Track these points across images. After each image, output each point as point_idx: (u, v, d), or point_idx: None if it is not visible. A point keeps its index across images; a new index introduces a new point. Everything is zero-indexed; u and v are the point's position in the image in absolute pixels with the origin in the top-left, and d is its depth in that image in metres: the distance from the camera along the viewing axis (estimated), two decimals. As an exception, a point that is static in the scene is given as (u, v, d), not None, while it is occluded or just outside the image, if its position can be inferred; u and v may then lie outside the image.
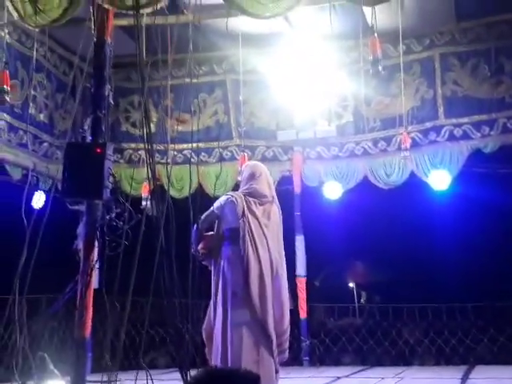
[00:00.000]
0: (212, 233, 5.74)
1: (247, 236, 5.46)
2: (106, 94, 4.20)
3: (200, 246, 5.64)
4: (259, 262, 5.45)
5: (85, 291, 3.98)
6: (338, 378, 6.95)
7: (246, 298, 5.39)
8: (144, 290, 4.07)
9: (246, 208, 5.54)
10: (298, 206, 8.82)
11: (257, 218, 5.56)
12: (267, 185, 5.83)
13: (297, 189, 8.89)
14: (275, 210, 5.80)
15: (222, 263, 5.52)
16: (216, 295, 5.51)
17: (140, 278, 3.98)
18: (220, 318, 5.42)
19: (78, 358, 3.91)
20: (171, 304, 4.17)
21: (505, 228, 9.32)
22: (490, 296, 8.60)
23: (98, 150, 3.94)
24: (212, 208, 5.65)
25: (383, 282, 10.73)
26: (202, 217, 5.50)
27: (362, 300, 10.48)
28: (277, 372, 5.54)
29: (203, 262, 5.70)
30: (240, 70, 8.05)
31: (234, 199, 5.59)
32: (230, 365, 5.21)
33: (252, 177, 5.79)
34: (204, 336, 5.63)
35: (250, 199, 5.63)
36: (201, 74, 8.36)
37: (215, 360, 5.38)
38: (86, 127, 4.16)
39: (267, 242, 5.56)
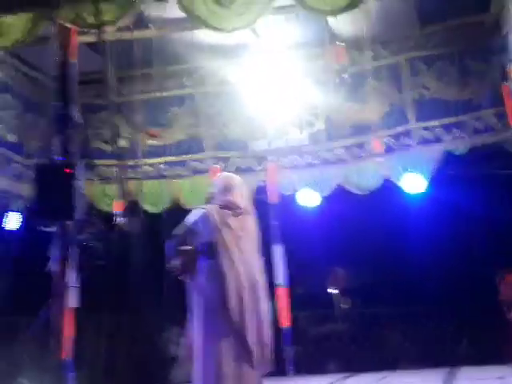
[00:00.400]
0: (187, 247, 5.70)
1: (223, 250, 5.43)
2: (73, 113, 4.16)
3: (176, 261, 5.60)
4: (236, 275, 5.41)
5: (61, 312, 3.92)
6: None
7: (225, 313, 5.35)
8: (123, 306, 4.04)
9: (220, 221, 5.51)
10: (274, 215, 8.80)
11: (231, 231, 5.53)
12: (241, 196, 5.80)
13: (273, 198, 8.88)
14: (251, 222, 5.77)
15: (198, 278, 5.49)
16: (193, 310, 5.47)
17: (118, 294, 3.95)
18: (200, 334, 5.38)
19: (59, 380, 3.85)
20: (148, 320, 4.15)
21: (479, 230, 9.42)
22: (469, 297, 8.65)
23: (67, 171, 3.89)
24: (185, 222, 5.62)
25: (363, 286, 10.75)
26: (176, 231, 5.46)
27: (342, 305, 10.49)
28: None
29: (179, 277, 5.66)
30: (209, 82, 8.05)
31: (207, 212, 5.56)
32: (212, 381, 5.17)
33: (226, 189, 5.76)
34: (187, 353, 5.58)
35: (224, 211, 5.61)
36: (170, 88, 8.34)
37: (197, 376, 5.34)
38: (54, 147, 4.11)
39: (243, 255, 5.53)
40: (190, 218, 5.64)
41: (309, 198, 8.75)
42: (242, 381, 5.28)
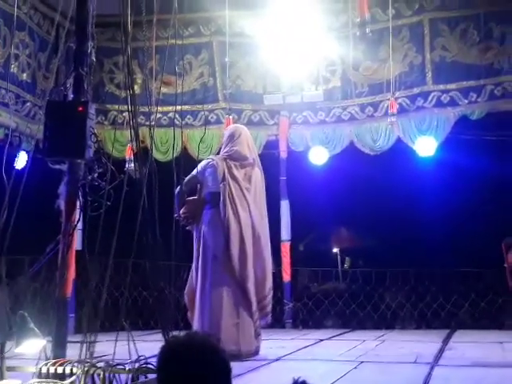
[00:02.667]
0: (194, 197, 5.72)
1: (228, 200, 5.46)
2: (89, 51, 4.11)
3: (182, 211, 5.63)
4: (240, 225, 5.46)
5: (66, 252, 3.95)
6: (321, 340, 7.02)
7: (227, 262, 5.41)
8: (127, 252, 4.05)
9: (226, 172, 5.52)
10: (283, 170, 8.79)
11: (238, 182, 5.55)
12: (247, 146, 5.79)
13: (283, 153, 8.86)
14: (257, 173, 5.78)
15: (202, 227, 5.52)
16: (197, 259, 5.52)
17: (123, 240, 3.96)
18: (200, 281, 5.44)
19: (59, 318, 3.90)
20: (154, 266, 4.16)
21: (489, 195, 9.38)
22: (473, 262, 8.68)
23: (80, 109, 3.86)
24: (193, 172, 5.63)
25: (367, 247, 10.79)
26: (184, 181, 5.47)
27: (345, 265, 10.55)
28: (258, 335, 5.59)
29: (186, 227, 5.70)
30: (227, 31, 7.94)
31: (214, 163, 5.56)
32: (208, 328, 5.25)
33: (231, 138, 5.76)
34: (186, 300, 5.66)
35: (231, 162, 5.60)
36: (187, 36, 8.24)
37: (198, 322, 5.42)
38: (67, 85, 4.08)
39: (248, 206, 5.56)
40: (198, 169, 5.65)
41: (320, 156, 8.72)
42: (239, 329, 5.36)
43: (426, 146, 8.15)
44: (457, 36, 7.99)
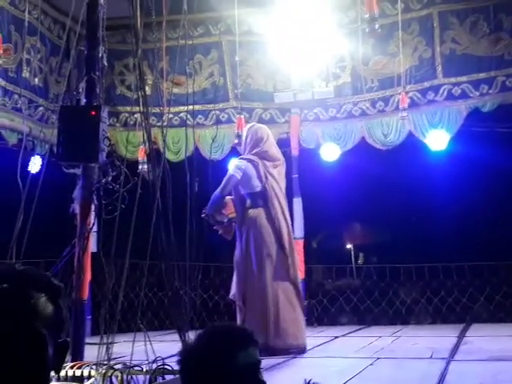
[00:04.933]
0: (232, 197, 5.75)
1: (275, 199, 5.54)
2: (100, 55, 4.15)
3: (226, 211, 5.67)
4: (286, 223, 5.59)
5: (82, 254, 3.99)
6: (336, 337, 7.03)
7: (282, 259, 5.49)
8: (142, 253, 4.08)
9: (266, 171, 5.59)
10: (295, 168, 8.79)
11: (276, 181, 5.64)
12: (276, 148, 5.88)
13: (294, 151, 8.85)
14: (284, 173, 5.90)
15: (250, 228, 5.56)
16: (245, 259, 5.55)
17: (138, 241, 3.99)
18: (257, 280, 5.48)
19: (77, 320, 3.94)
20: (169, 266, 4.19)
21: (503, 187, 9.33)
22: (487, 255, 8.65)
23: (93, 113, 3.90)
24: (231, 173, 5.64)
25: (381, 243, 10.79)
26: (223, 183, 5.52)
27: (359, 261, 10.55)
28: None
29: (214, 227, 5.72)
30: (236, 30, 7.95)
31: (255, 163, 5.61)
32: (270, 324, 5.30)
33: (260, 140, 5.79)
34: (237, 302, 5.66)
35: (266, 163, 5.66)
36: (196, 36, 8.25)
37: (253, 321, 5.39)
38: (80, 90, 4.12)
39: (285, 204, 5.68)
40: (235, 169, 5.66)
41: (331, 152, 8.71)
42: (296, 323, 5.43)
43: (437, 140, 8.12)
44: (466, 28, 7.95)
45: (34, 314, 1.11)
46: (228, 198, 5.72)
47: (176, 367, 3.59)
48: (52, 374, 3.23)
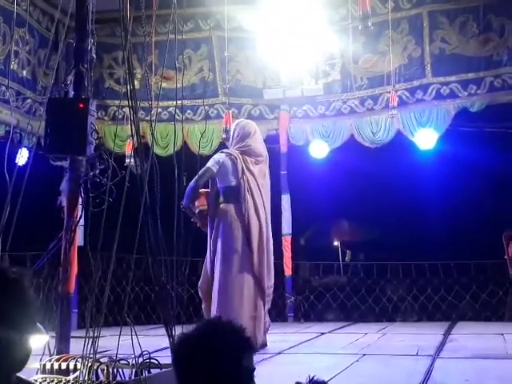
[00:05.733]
0: (207, 190, 5.74)
1: (248, 195, 5.52)
2: (89, 48, 4.11)
3: (197, 203, 5.65)
4: (259, 221, 5.54)
5: (69, 248, 3.96)
6: (322, 333, 7.05)
7: (247, 255, 5.47)
8: (129, 247, 4.06)
9: (244, 167, 5.56)
10: (284, 164, 8.80)
11: (255, 178, 5.60)
12: (261, 144, 5.86)
13: (283, 148, 8.87)
14: (267, 170, 5.86)
15: (220, 221, 5.55)
16: (214, 252, 5.55)
17: (125, 235, 3.97)
18: (219, 274, 5.48)
19: (63, 313, 3.91)
20: (156, 261, 4.18)
21: (490, 187, 9.39)
22: (474, 254, 8.70)
23: (81, 106, 3.87)
24: (208, 165, 5.64)
25: (368, 240, 10.82)
26: (199, 175, 5.49)
27: (346, 258, 10.57)
28: (267, 329, 5.66)
29: (192, 219, 5.71)
30: (226, 26, 7.93)
31: (233, 157, 5.60)
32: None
33: (247, 135, 5.78)
34: (201, 293, 5.70)
35: (247, 158, 5.65)
36: (186, 31, 8.21)
37: (213, 314, 5.43)
38: (68, 82, 4.08)
39: (263, 202, 5.64)
40: (212, 162, 5.65)
41: (320, 149, 8.73)
42: (256, 322, 5.42)
43: (426, 139, 8.16)
44: (456, 28, 7.99)
45: None
46: (202, 190, 5.71)
47: (163, 361, 3.58)
48: (36, 365, 3.18)
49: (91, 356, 3.45)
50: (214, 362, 1.62)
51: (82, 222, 4.34)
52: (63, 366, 3.52)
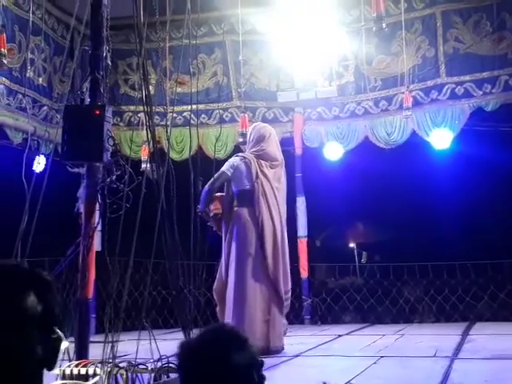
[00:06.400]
0: (222, 194, 5.77)
1: (262, 198, 5.52)
2: (104, 55, 4.16)
3: (212, 207, 5.68)
4: (273, 224, 5.54)
5: (87, 253, 4.01)
6: (340, 335, 7.04)
7: (261, 260, 5.48)
8: (146, 252, 4.10)
9: (259, 170, 5.58)
10: (298, 167, 8.81)
11: (269, 181, 5.61)
12: (277, 147, 5.87)
13: (298, 150, 8.87)
14: (283, 174, 5.87)
15: (234, 225, 5.57)
16: (229, 256, 5.57)
17: (142, 240, 4.00)
18: (233, 278, 5.49)
19: (82, 319, 3.95)
20: (173, 265, 4.21)
21: (506, 186, 9.31)
22: (491, 254, 8.64)
23: (97, 112, 3.91)
24: (223, 169, 5.66)
25: (384, 241, 10.77)
26: (214, 178, 5.52)
27: (362, 260, 10.54)
28: (285, 333, 5.66)
29: (208, 223, 5.74)
30: (239, 30, 7.96)
31: (247, 161, 5.61)
32: (241, 322, 5.30)
33: (262, 139, 5.80)
34: (215, 296, 5.72)
35: (262, 162, 5.66)
36: (200, 35, 8.26)
37: (227, 320, 5.45)
38: (84, 89, 4.13)
39: (278, 205, 5.64)
40: (227, 166, 5.68)
41: (334, 151, 8.73)
42: (270, 326, 5.42)
43: (441, 139, 8.13)
44: (470, 27, 7.96)
45: (20, 314, 1.08)
46: (217, 194, 5.73)
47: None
48: (56, 371, 3.22)
49: (110, 361, 3.49)
50: (214, 374, 1.62)
51: (99, 227, 4.39)
52: (82, 371, 3.56)
